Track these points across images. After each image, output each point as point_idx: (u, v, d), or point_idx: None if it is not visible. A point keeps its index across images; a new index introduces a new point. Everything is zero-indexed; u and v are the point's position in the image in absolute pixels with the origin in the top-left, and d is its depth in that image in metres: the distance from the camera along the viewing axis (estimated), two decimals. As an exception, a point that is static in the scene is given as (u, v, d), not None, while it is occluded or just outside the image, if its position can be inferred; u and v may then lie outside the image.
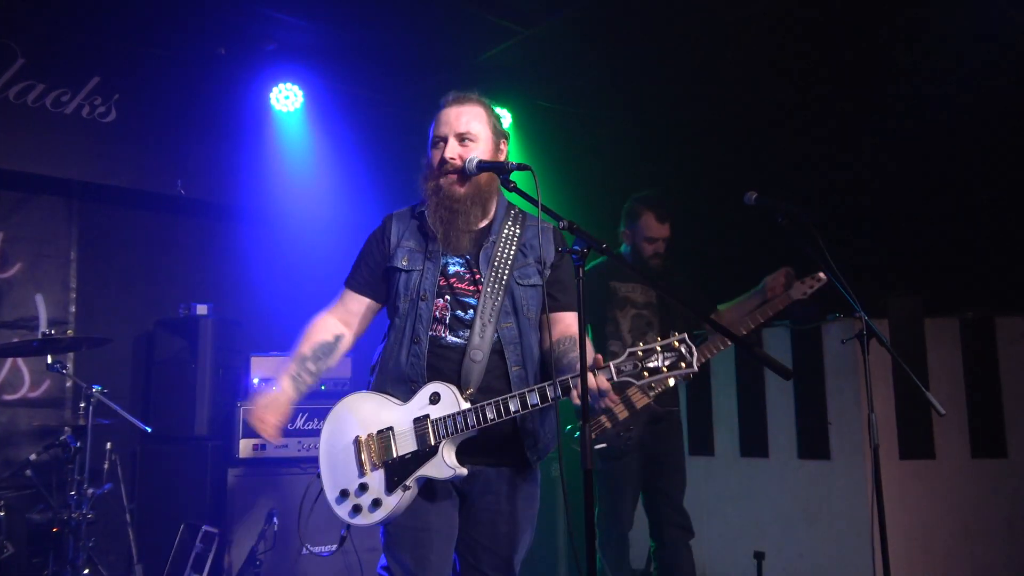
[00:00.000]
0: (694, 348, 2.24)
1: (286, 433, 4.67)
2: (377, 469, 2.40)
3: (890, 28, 5.13)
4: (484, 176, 2.48)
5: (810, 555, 4.85)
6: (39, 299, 5.16)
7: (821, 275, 3.77)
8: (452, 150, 2.49)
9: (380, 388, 2.51)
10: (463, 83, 6.50)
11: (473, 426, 2.34)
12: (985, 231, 5.04)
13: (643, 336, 3.98)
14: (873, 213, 5.28)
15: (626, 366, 2.27)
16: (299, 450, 4.71)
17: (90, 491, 4.22)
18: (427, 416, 2.39)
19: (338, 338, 2.62)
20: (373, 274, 2.61)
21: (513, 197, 2.53)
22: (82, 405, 4.34)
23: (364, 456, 2.42)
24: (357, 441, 2.43)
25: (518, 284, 2.52)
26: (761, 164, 5.85)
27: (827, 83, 5.60)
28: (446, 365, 2.45)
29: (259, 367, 4.92)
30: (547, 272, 2.56)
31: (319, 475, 2.48)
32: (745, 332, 3.84)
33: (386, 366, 2.51)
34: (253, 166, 5.69)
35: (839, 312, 4.80)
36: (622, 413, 3.83)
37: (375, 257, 2.61)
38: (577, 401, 2.23)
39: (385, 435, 2.41)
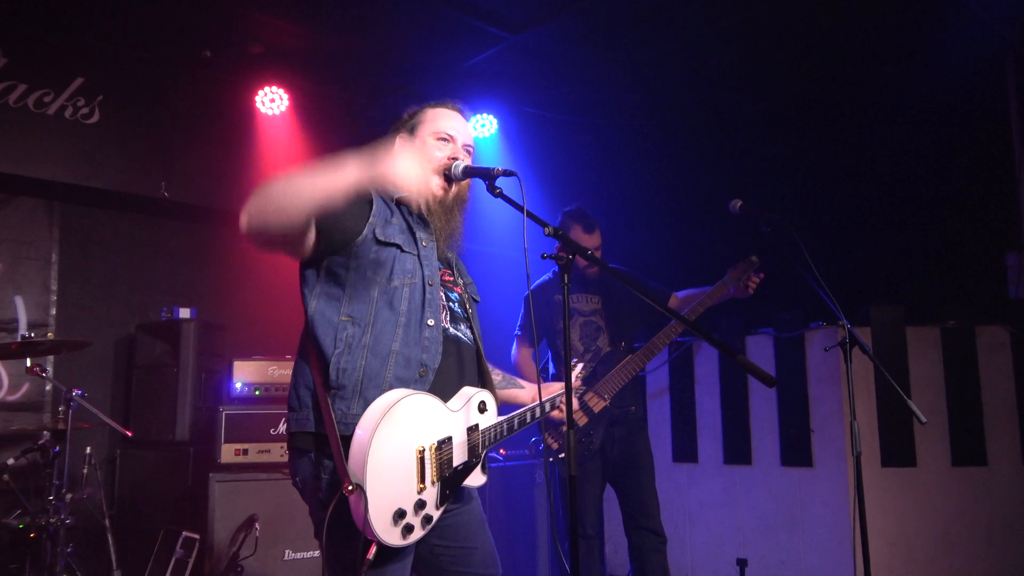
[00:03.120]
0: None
1: (268, 438, 4.68)
2: (435, 483, 2.18)
3: (871, 37, 5.19)
4: (468, 190, 2.54)
5: (793, 562, 4.87)
6: (19, 301, 5.11)
7: (753, 258, 3.88)
8: (463, 157, 2.51)
9: (381, 374, 2.20)
10: (449, 88, 6.55)
11: (503, 436, 2.41)
12: (966, 241, 5.09)
13: (594, 341, 4.10)
14: (856, 223, 5.33)
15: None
16: (281, 455, 4.68)
17: (69, 496, 4.17)
18: (477, 426, 2.34)
19: None
20: (342, 217, 2.21)
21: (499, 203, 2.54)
22: (61, 409, 4.29)
23: (428, 469, 2.15)
24: (420, 452, 2.15)
25: (471, 298, 2.61)
26: (743, 173, 5.90)
27: (808, 93, 5.66)
28: (455, 360, 2.37)
29: (242, 371, 4.89)
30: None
31: (351, 490, 2.00)
32: (693, 317, 3.93)
33: (382, 346, 2.21)
34: (238, 169, 5.66)
35: (822, 320, 4.83)
36: (581, 419, 3.90)
37: (356, 201, 2.21)
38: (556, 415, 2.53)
39: (447, 445, 2.23)
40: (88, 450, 4.54)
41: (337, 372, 2.18)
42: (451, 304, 2.46)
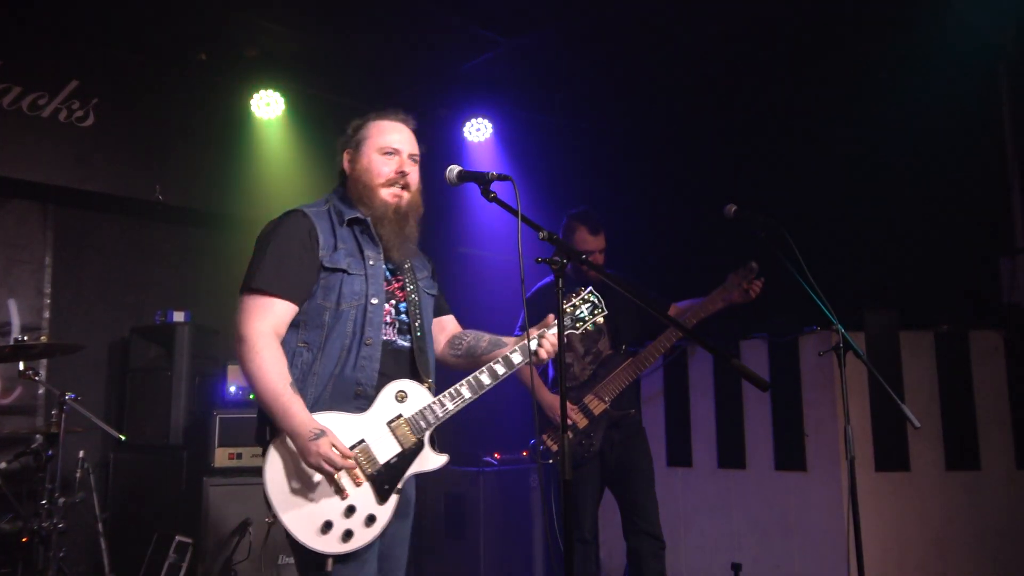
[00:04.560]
0: (600, 296, 2.72)
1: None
2: (362, 485, 2.31)
3: (864, 42, 5.21)
4: (419, 196, 2.60)
5: (786, 566, 4.87)
6: (12, 304, 5.09)
7: (753, 264, 3.91)
8: (410, 167, 2.58)
9: (322, 398, 2.36)
10: (446, 92, 6.56)
11: (452, 409, 2.45)
12: (959, 246, 5.11)
13: (595, 344, 4.10)
14: (849, 228, 5.34)
15: (567, 323, 2.61)
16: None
17: (61, 500, 4.16)
18: (400, 415, 2.41)
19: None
20: (301, 277, 2.39)
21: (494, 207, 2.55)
22: (54, 412, 4.27)
23: (344, 476, 2.28)
24: None
25: (426, 293, 2.68)
26: (738, 177, 5.91)
27: (802, 99, 5.67)
28: (398, 367, 2.49)
29: (236, 375, 4.88)
30: (434, 283, 2.78)
31: (271, 522, 2.32)
32: (694, 322, 3.98)
33: (321, 372, 2.37)
34: (232, 173, 5.66)
35: (816, 325, 4.84)
36: (581, 421, 3.92)
37: (305, 259, 2.40)
38: (543, 355, 2.57)
39: (362, 448, 2.34)
40: (81, 454, 4.52)
41: None
42: (400, 316, 2.55)
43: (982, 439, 4.69)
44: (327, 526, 2.24)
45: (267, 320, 2.32)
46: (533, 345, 2.60)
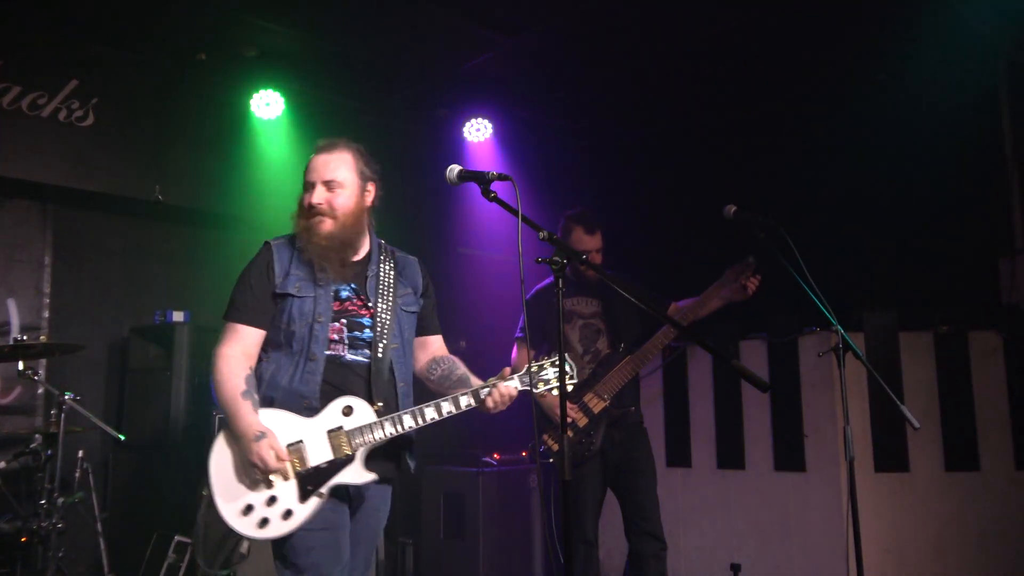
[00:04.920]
0: (573, 364, 2.67)
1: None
2: (289, 480, 2.50)
3: (863, 44, 5.21)
4: (351, 218, 2.69)
5: (786, 567, 4.87)
6: (11, 304, 5.09)
7: (750, 259, 3.92)
8: (319, 196, 2.68)
9: (269, 403, 2.60)
10: (445, 92, 6.55)
11: (391, 434, 2.57)
12: (959, 247, 5.11)
13: (594, 343, 4.10)
14: (849, 228, 5.34)
15: (525, 378, 2.66)
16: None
17: (60, 500, 4.16)
18: (341, 427, 2.56)
19: (251, 369, 2.66)
20: (260, 305, 2.68)
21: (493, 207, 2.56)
22: (53, 412, 4.27)
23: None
24: None
25: (403, 311, 2.78)
26: (737, 178, 5.92)
27: (801, 100, 5.68)
28: (350, 381, 2.63)
29: (235, 375, 4.87)
30: (420, 300, 2.87)
31: (202, 495, 2.53)
32: (692, 319, 3.98)
33: (276, 383, 2.62)
34: (232, 173, 5.66)
35: (815, 326, 4.84)
36: (581, 420, 3.93)
37: (261, 288, 2.68)
38: (491, 405, 2.64)
39: (296, 447, 2.52)
40: (80, 454, 4.52)
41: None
42: (353, 332, 2.67)
43: (981, 440, 4.69)
44: (248, 509, 2.48)
45: (235, 345, 2.65)
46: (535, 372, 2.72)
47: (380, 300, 2.72)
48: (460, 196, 6.40)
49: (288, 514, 2.48)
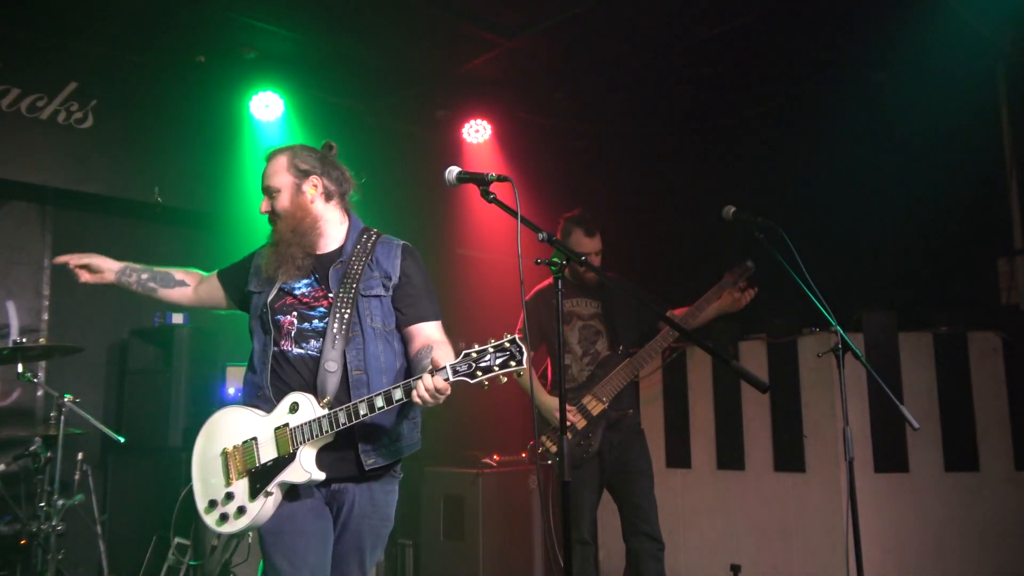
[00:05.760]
0: (524, 347, 2.28)
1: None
2: (242, 478, 2.54)
3: (862, 45, 5.21)
4: (292, 217, 2.70)
5: (785, 568, 4.87)
6: (10, 306, 5.09)
7: (749, 263, 3.94)
8: (264, 205, 2.82)
9: (244, 398, 2.73)
10: (444, 94, 6.55)
11: (327, 430, 2.46)
12: (958, 248, 5.12)
13: (593, 345, 4.10)
14: (848, 229, 5.35)
15: (461, 366, 2.32)
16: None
17: (60, 502, 4.15)
18: (287, 424, 2.53)
19: (181, 283, 3.10)
20: (233, 277, 2.93)
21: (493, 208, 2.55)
22: (53, 415, 4.27)
23: (231, 466, 2.57)
24: (224, 452, 2.59)
25: (362, 296, 2.66)
26: (736, 179, 5.92)
27: (801, 101, 5.68)
28: (297, 376, 2.62)
29: (235, 377, 4.88)
30: (391, 285, 2.69)
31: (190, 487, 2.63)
32: (691, 323, 3.97)
33: (246, 377, 2.76)
34: (232, 174, 5.65)
35: (815, 326, 4.84)
36: (580, 422, 3.92)
37: (239, 271, 2.92)
38: (417, 400, 2.33)
39: (249, 445, 2.56)
40: (80, 456, 4.52)
41: None
42: (302, 325, 2.65)
43: (981, 440, 4.69)
44: (211, 504, 2.57)
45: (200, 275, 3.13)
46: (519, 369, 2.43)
47: (341, 289, 2.64)
48: (459, 197, 6.40)
49: (241, 511, 2.52)
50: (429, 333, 2.68)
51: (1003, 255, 5.02)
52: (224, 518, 2.54)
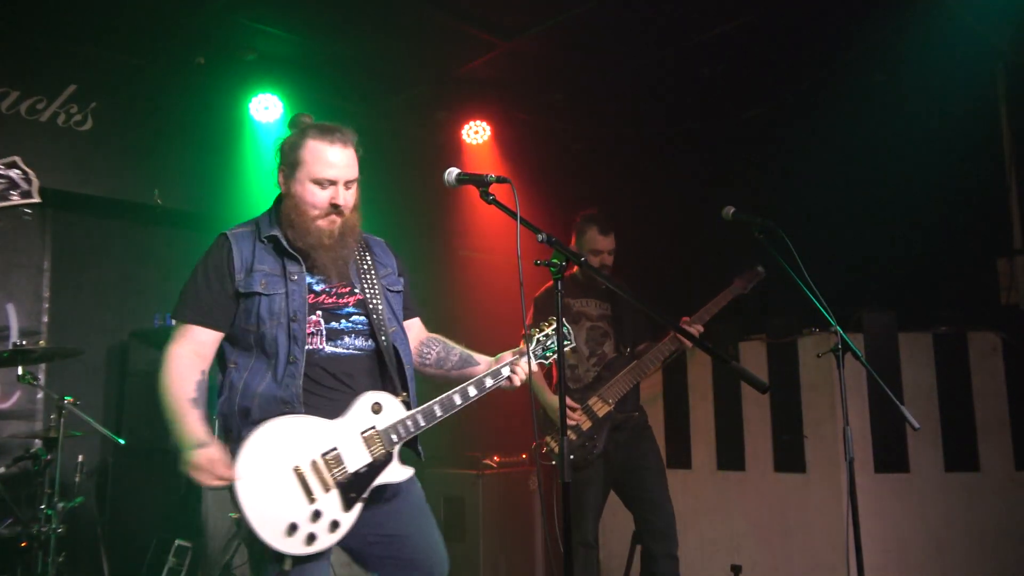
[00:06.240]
0: (571, 329, 2.72)
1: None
2: (330, 491, 2.35)
3: (861, 45, 5.21)
4: (357, 213, 2.58)
5: (786, 568, 4.87)
6: (10, 309, 5.09)
7: (759, 268, 3.96)
8: (344, 198, 2.53)
9: (251, 413, 2.42)
10: (443, 95, 6.54)
11: (423, 425, 2.48)
12: (958, 248, 5.11)
13: (600, 346, 4.10)
14: (848, 229, 5.35)
15: (537, 350, 2.69)
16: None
17: (60, 505, 4.15)
18: (374, 427, 2.45)
19: (204, 373, 2.52)
20: (218, 305, 2.49)
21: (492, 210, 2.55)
22: (53, 417, 4.27)
23: (311, 482, 2.33)
24: (297, 470, 2.33)
25: (389, 291, 2.66)
26: (735, 179, 5.92)
27: (799, 101, 5.68)
28: (338, 375, 2.48)
29: (235, 379, 4.87)
30: (400, 280, 2.74)
31: (237, 518, 2.34)
32: (701, 327, 3.95)
33: (250, 390, 2.44)
34: (231, 176, 5.66)
35: (815, 326, 4.84)
36: (585, 424, 3.92)
37: (220, 287, 2.49)
38: (509, 384, 2.62)
39: (333, 455, 2.38)
40: (80, 458, 4.52)
41: (221, 416, 2.50)
42: (335, 323, 2.52)
43: (981, 440, 4.69)
44: (292, 528, 2.28)
45: (187, 345, 2.51)
46: (517, 362, 2.69)
47: (365, 285, 2.60)
48: (459, 199, 6.40)
49: (335, 525, 2.35)
50: (421, 327, 2.86)
51: (1003, 255, 5.01)
52: (312, 538, 2.30)
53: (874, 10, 4.81)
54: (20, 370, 4.24)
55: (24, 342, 4.47)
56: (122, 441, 4.51)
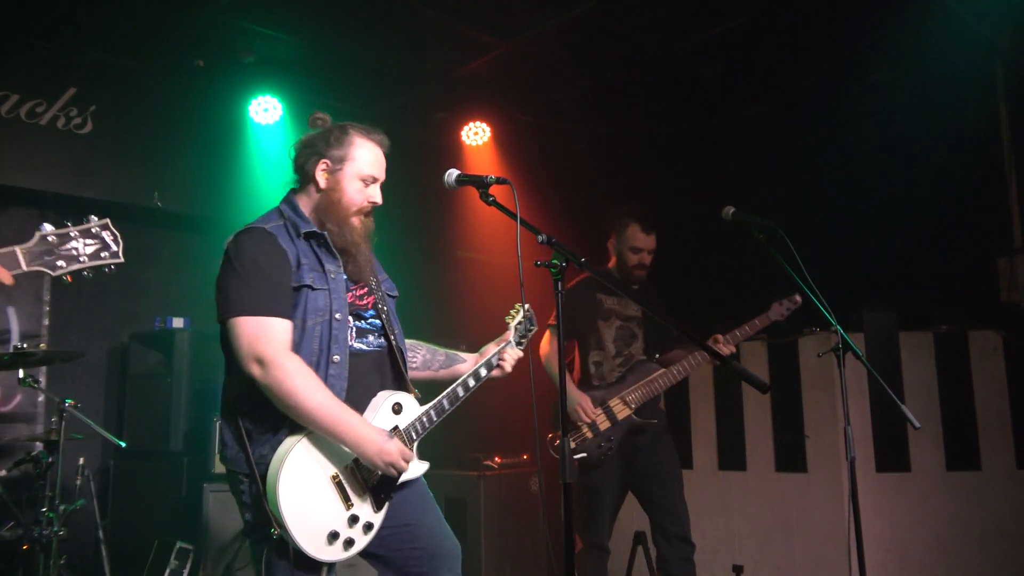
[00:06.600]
0: (532, 314, 2.86)
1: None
2: (364, 496, 2.42)
3: (860, 44, 5.22)
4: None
5: (788, 568, 4.87)
6: (11, 312, 5.09)
7: (797, 297, 3.90)
8: (380, 196, 2.59)
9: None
10: (442, 97, 6.54)
11: (435, 420, 2.57)
12: (958, 247, 5.11)
13: (627, 347, 4.05)
14: (848, 229, 5.35)
15: (515, 337, 2.84)
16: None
17: (62, 507, 4.15)
18: (397, 427, 2.50)
19: None
20: (286, 293, 2.39)
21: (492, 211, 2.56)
22: (54, 420, 4.26)
23: (348, 488, 2.38)
24: (335, 478, 2.37)
25: (388, 295, 2.72)
26: (735, 179, 5.92)
27: (799, 100, 5.68)
28: (371, 373, 2.53)
29: (236, 381, 4.87)
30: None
31: (276, 533, 2.28)
32: (733, 344, 3.93)
33: None
34: (231, 179, 5.66)
35: (815, 326, 4.84)
36: (603, 424, 3.87)
37: (282, 276, 2.40)
38: (508, 367, 2.79)
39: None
40: (81, 461, 4.52)
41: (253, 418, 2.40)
42: (360, 323, 2.55)
43: (982, 439, 4.69)
44: (333, 536, 2.32)
45: (277, 342, 2.33)
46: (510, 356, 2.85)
47: (375, 287, 2.66)
48: (459, 200, 6.40)
49: (368, 527, 2.43)
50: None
51: (1003, 254, 5.01)
52: (350, 543, 2.37)
53: (874, 10, 4.81)
54: (21, 373, 4.25)
55: (25, 345, 4.47)
56: (123, 444, 4.51)
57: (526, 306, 2.86)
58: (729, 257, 4.05)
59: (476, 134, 6.46)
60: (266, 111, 5.67)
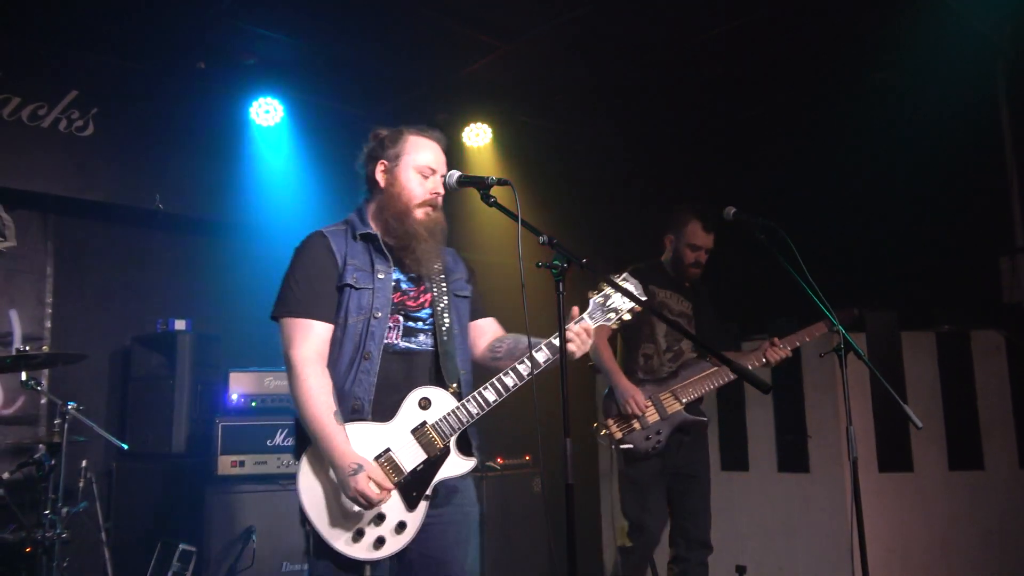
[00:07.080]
0: (638, 283, 2.52)
1: (265, 449, 4.67)
2: (390, 493, 2.39)
3: (862, 44, 5.22)
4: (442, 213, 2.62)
5: (790, 568, 4.87)
6: (13, 314, 5.10)
7: (855, 310, 3.81)
8: (442, 188, 2.59)
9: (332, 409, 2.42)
10: (444, 98, 6.53)
11: (476, 414, 2.47)
12: (960, 246, 5.11)
13: (678, 343, 4.02)
14: (850, 229, 5.35)
15: (596, 312, 2.54)
16: (278, 467, 4.67)
17: (64, 510, 4.15)
18: (424, 423, 2.46)
19: (328, 375, 2.48)
20: (331, 296, 2.50)
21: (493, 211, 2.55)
22: (57, 422, 4.27)
23: (371, 486, 2.35)
24: None
25: (456, 296, 2.69)
26: (737, 179, 5.92)
27: (801, 100, 5.68)
28: (411, 371, 2.52)
29: (238, 383, 4.88)
30: (469, 285, 2.78)
31: (307, 530, 2.37)
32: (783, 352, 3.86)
33: (336, 387, 2.46)
34: (232, 180, 5.66)
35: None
36: (652, 416, 3.85)
37: (326, 278, 2.51)
38: (574, 351, 2.49)
39: (386, 457, 2.41)
40: (84, 463, 4.52)
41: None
42: (410, 323, 2.55)
43: (985, 439, 4.69)
44: (359, 534, 2.35)
45: (309, 344, 2.44)
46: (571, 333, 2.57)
47: (435, 286, 2.64)
48: (459, 201, 6.39)
49: (401, 527, 2.39)
50: (497, 327, 2.85)
51: (1005, 253, 5.01)
52: (381, 541, 2.36)
53: (875, 9, 4.81)
54: (23, 375, 4.25)
55: (27, 347, 4.47)
56: (125, 446, 4.52)
57: (624, 275, 2.54)
58: (729, 257, 4.04)
59: (477, 135, 6.46)
60: (267, 113, 5.66)
